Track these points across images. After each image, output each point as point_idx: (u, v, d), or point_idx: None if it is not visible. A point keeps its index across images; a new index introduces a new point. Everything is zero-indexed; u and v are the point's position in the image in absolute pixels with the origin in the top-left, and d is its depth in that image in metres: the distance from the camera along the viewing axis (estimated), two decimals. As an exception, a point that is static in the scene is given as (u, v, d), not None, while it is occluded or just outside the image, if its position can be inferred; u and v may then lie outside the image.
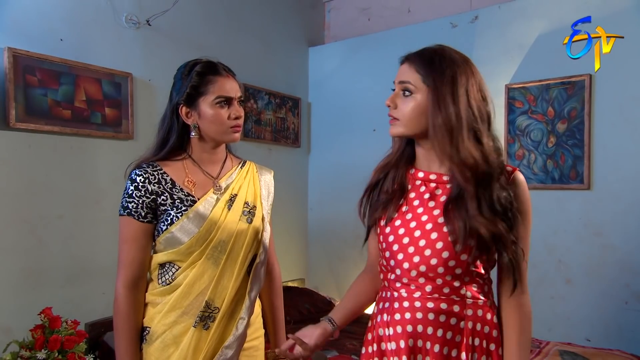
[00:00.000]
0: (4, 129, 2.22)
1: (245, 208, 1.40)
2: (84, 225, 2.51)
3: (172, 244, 1.31)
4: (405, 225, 1.16)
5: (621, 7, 2.64)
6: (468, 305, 1.13)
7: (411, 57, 1.18)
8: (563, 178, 2.82)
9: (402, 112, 1.15)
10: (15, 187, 2.28)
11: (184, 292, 1.30)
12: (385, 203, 1.20)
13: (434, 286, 1.13)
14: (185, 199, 1.33)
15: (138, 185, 1.30)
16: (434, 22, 3.33)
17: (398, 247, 1.16)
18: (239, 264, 1.34)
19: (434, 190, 1.18)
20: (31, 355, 1.96)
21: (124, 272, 1.31)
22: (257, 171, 1.51)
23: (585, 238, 2.77)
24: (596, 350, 2.37)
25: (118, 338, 1.30)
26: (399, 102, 1.16)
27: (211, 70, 1.36)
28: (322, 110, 3.95)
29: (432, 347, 1.12)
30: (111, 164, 2.61)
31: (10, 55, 2.19)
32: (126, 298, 1.30)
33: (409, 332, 1.12)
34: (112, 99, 2.60)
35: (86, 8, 2.52)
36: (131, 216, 1.30)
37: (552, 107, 2.85)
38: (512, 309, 1.17)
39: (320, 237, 3.92)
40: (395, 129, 1.17)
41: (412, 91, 1.14)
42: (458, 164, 1.09)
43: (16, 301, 2.27)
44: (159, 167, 1.34)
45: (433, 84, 1.11)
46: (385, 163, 1.26)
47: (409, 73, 1.15)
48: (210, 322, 1.30)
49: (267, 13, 3.62)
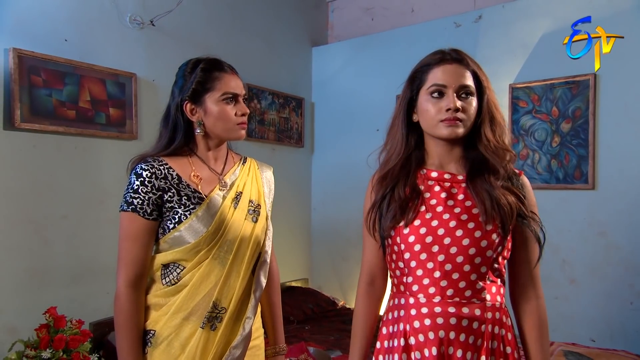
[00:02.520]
0: (9, 129, 2.23)
1: (250, 207, 1.39)
2: (89, 225, 2.52)
3: (178, 243, 1.28)
4: (427, 225, 1.15)
5: (623, 7, 2.63)
6: (488, 308, 1.13)
7: (463, 58, 1.19)
8: (567, 178, 2.81)
9: (468, 114, 1.17)
10: (20, 187, 2.29)
11: (190, 293, 1.27)
12: (402, 209, 1.18)
13: (456, 289, 1.12)
14: (193, 196, 1.29)
15: (144, 181, 1.25)
16: (438, 22, 3.32)
17: (420, 247, 1.14)
18: (245, 264, 1.33)
19: (449, 189, 1.18)
20: (36, 355, 1.97)
21: (125, 270, 1.26)
22: (258, 168, 1.50)
23: (589, 238, 2.76)
24: (601, 351, 2.36)
25: (121, 338, 1.27)
26: (463, 104, 1.17)
27: (217, 67, 1.34)
28: (325, 110, 3.95)
29: (455, 352, 1.11)
30: (115, 164, 2.62)
31: (15, 56, 2.21)
32: (128, 297, 1.26)
33: (432, 340, 1.11)
34: (116, 99, 2.61)
35: (90, 9, 2.53)
36: (136, 212, 1.25)
37: (557, 107, 2.84)
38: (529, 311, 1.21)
39: (324, 237, 3.92)
40: (460, 129, 1.16)
41: (473, 93, 1.18)
42: (496, 149, 1.18)
43: (21, 301, 2.28)
44: (164, 162, 1.30)
45: (488, 86, 1.20)
46: (387, 171, 1.24)
47: (467, 75, 1.17)
48: (217, 322, 1.29)
49: (270, 13, 3.62)
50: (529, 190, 1.21)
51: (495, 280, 1.16)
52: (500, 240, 1.13)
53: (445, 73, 1.16)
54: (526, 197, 1.19)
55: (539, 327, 1.19)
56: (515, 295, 1.23)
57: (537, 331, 1.19)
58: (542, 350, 1.19)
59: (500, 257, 1.15)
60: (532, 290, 1.21)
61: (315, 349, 2.49)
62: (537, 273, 1.21)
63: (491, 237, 1.12)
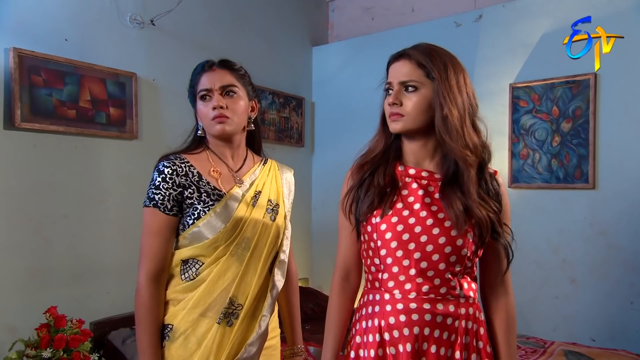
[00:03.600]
0: (10, 129, 2.23)
1: (269, 205, 1.41)
2: (89, 225, 2.52)
3: (197, 239, 1.30)
4: (404, 222, 1.15)
5: (623, 7, 2.63)
6: (461, 304, 1.15)
7: (409, 53, 1.19)
8: (568, 177, 2.81)
9: (407, 108, 1.15)
10: (21, 186, 2.29)
11: (208, 288, 1.29)
12: (380, 197, 1.18)
13: (431, 286, 1.13)
14: (212, 193, 1.32)
15: (165, 177, 1.29)
16: (438, 22, 3.32)
17: (397, 244, 1.14)
18: (262, 261, 1.35)
19: (426, 187, 1.18)
20: (36, 354, 1.97)
21: (147, 264, 1.29)
22: (279, 169, 1.53)
23: (590, 238, 2.76)
24: (601, 351, 2.36)
25: (140, 331, 1.28)
26: (403, 99, 1.16)
27: (200, 68, 1.38)
28: (325, 109, 3.95)
29: (429, 348, 1.12)
30: (116, 163, 2.62)
31: (16, 56, 2.20)
32: (149, 290, 1.28)
33: (406, 336, 1.12)
34: (116, 98, 2.61)
35: (90, 8, 2.53)
36: (157, 208, 1.28)
37: (557, 106, 2.84)
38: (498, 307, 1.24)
39: (324, 236, 3.92)
40: (398, 124, 1.17)
41: (417, 86, 1.15)
42: (464, 150, 1.12)
43: (21, 300, 2.28)
44: (185, 159, 1.34)
45: (439, 76, 1.13)
46: (369, 159, 1.25)
47: (410, 69, 1.16)
48: (233, 319, 1.30)
49: (270, 13, 3.62)
50: (503, 192, 1.22)
51: (468, 277, 1.18)
52: (475, 240, 1.15)
53: (393, 70, 1.20)
54: (501, 204, 1.19)
55: (507, 322, 1.23)
56: (485, 291, 1.26)
57: (505, 325, 1.23)
58: (509, 344, 1.22)
59: (474, 255, 1.17)
60: (502, 287, 1.24)
61: (315, 349, 2.49)
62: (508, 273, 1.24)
63: (466, 237, 1.13)
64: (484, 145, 1.18)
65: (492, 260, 1.22)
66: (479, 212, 1.12)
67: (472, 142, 1.14)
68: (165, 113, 2.86)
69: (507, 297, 1.24)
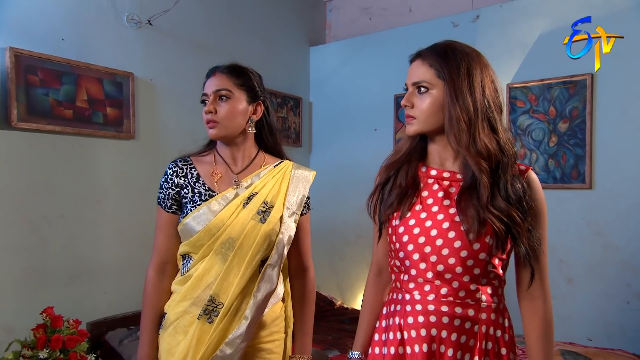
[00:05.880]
0: (6, 128, 2.23)
1: (262, 207, 1.39)
2: (86, 225, 2.51)
3: (185, 236, 1.38)
4: (420, 225, 1.14)
5: (622, 7, 2.64)
6: (482, 309, 1.12)
7: (423, 53, 1.17)
8: (565, 177, 2.81)
9: (419, 110, 1.14)
10: (17, 186, 2.28)
11: (193, 284, 1.35)
12: (400, 198, 1.17)
13: (450, 289, 1.11)
14: (204, 193, 1.38)
15: (167, 178, 1.41)
16: (436, 22, 3.33)
17: (413, 247, 1.13)
18: (247, 263, 1.35)
19: (447, 188, 1.16)
20: (33, 355, 1.96)
21: (153, 256, 1.42)
22: (292, 170, 1.49)
23: (587, 238, 2.77)
24: (598, 350, 2.36)
25: (142, 318, 1.42)
26: (415, 101, 1.15)
27: (207, 73, 1.45)
28: (323, 109, 3.95)
29: (446, 351, 1.10)
30: (112, 163, 2.62)
31: (12, 55, 2.20)
32: (151, 280, 1.41)
33: (422, 337, 1.11)
34: (113, 98, 2.60)
35: (87, 8, 2.52)
36: (160, 206, 1.41)
37: (554, 107, 2.85)
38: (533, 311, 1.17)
39: (321, 236, 3.91)
40: (412, 127, 1.15)
41: (428, 87, 1.13)
42: (474, 155, 1.08)
43: (18, 300, 2.27)
44: (190, 162, 1.43)
45: (449, 77, 1.10)
46: (395, 160, 1.24)
47: (422, 70, 1.14)
48: (214, 316, 1.33)
49: (268, 13, 3.62)
50: (536, 188, 1.15)
51: (491, 281, 1.14)
52: (495, 244, 1.09)
53: (409, 71, 1.18)
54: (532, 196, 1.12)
55: (540, 328, 1.16)
56: (519, 296, 1.20)
57: (537, 331, 1.16)
58: (544, 351, 1.15)
59: (496, 259, 1.12)
60: (539, 290, 1.16)
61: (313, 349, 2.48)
62: (545, 273, 1.18)
63: (485, 240, 1.09)
64: (502, 149, 1.10)
65: (523, 265, 1.16)
66: (491, 222, 1.07)
67: (485, 147, 1.08)
68: (162, 113, 2.86)
69: (541, 302, 1.16)
